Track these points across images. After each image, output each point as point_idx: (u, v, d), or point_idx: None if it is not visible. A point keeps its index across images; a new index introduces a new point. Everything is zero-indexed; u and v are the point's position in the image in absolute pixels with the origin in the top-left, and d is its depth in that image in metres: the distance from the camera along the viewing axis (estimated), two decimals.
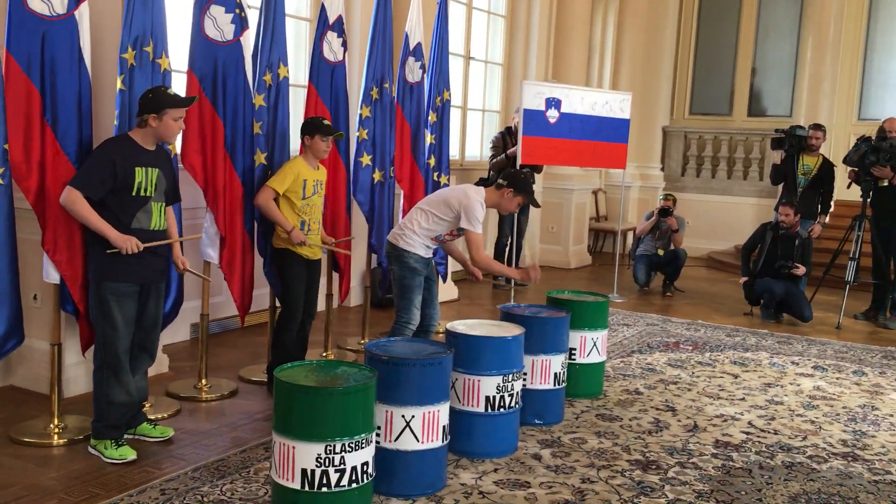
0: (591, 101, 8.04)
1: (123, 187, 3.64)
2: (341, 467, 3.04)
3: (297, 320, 4.78)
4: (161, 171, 3.79)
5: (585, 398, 4.94)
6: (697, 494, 3.64)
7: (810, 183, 7.97)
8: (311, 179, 4.68)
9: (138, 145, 3.72)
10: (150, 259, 3.79)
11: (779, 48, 11.99)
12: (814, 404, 5.07)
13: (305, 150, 4.71)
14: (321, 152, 4.72)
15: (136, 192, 3.68)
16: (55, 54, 3.72)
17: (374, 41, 5.74)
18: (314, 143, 4.67)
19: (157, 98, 3.70)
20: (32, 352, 4.55)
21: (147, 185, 3.70)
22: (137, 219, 3.71)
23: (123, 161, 3.63)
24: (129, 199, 3.67)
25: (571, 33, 10.36)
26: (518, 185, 4.67)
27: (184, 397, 4.65)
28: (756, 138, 11.94)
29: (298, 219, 4.66)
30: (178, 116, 3.75)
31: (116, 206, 3.66)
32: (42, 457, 3.76)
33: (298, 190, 4.61)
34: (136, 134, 3.75)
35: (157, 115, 3.67)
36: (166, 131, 3.73)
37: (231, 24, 4.54)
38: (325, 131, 4.68)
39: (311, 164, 4.72)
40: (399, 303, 4.74)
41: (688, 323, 7.33)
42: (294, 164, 4.65)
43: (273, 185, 4.59)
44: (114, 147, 3.68)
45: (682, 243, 8.90)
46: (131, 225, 3.69)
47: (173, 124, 3.73)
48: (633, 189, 12.15)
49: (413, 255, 4.65)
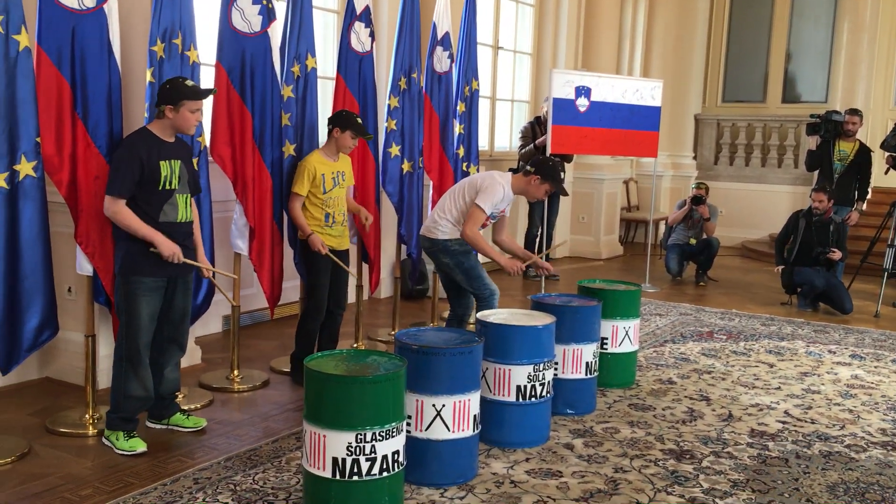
0: (621, 89, 7.94)
1: (150, 182, 3.65)
2: (372, 456, 3.03)
3: (322, 311, 4.79)
4: (182, 162, 3.79)
5: (618, 388, 4.89)
6: (733, 484, 3.59)
7: (847, 169, 7.81)
8: (329, 173, 4.67)
9: (159, 139, 3.72)
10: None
11: (814, 32, 11.77)
12: (852, 393, 4.97)
13: (329, 142, 4.70)
14: (347, 148, 4.73)
15: (162, 186, 3.68)
16: (85, 47, 3.75)
17: (402, 31, 5.71)
18: (343, 137, 4.66)
19: (175, 89, 3.68)
20: (67, 344, 4.61)
21: (172, 178, 3.71)
22: (164, 212, 3.72)
23: (148, 156, 3.64)
24: (156, 194, 3.68)
25: (601, 20, 10.25)
26: (545, 172, 4.65)
27: (216, 388, 4.68)
28: (791, 125, 11.73)
29: (322, 212, 4.66)
30: (196, 108, 3.73)
31: (144, 201, 3.67)
32: (78, 447, 3.80)
33: (318, 186, 4.62)
34: (154, 127, 3.74)
35: (173, 107, 3.67)
36: (184, 123, 3.72)
37: (258, 15, 4.55)
38: (357, 130, 4.69)
39: (329, 156, 4.71)
40: (472, 284, 4.75)
41: (722, 312, 7.23)
42: (308, 163, 4.64)
43: (296, 190, 4.63)
44: (137, 143, 3.66)
45: (715, 232, 8.78)
46: (159, 219, 3.70)
47: (190, 116, 3.71)
48: (665, 178, 12.00)
49: (452, 240, 4.70)
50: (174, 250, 3.66)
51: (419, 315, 6.70)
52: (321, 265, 4.71)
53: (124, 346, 3.74)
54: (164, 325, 3.88)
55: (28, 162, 3.56)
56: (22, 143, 3.54)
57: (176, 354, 4.01)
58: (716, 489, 3.53)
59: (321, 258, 4.68)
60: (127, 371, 3.74)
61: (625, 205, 11.58)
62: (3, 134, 3.49)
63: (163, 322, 3.87)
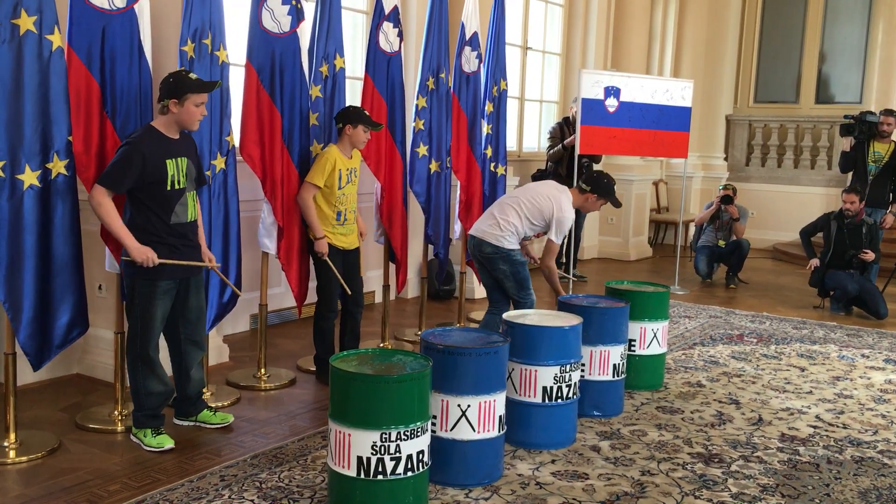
0: (651, 90, 7.88)
1: (157, 182, 3.61)
2: (397, 455, 3.02)
3: (333, 309, 4.80)
4: (189, 158, 3.76)
5: (645, 390, 4.85)
6: (762, 488, 3.53)
7: (881, 170, 7.67)
8: (345, 169, 4.66)
9: (164, 136, 3.67)
10: (189, 253, 3.79)
11: (848, 32, 11.58)
12: (885, 398, 4.88)
13: (342, 139, 4.68)
14: (361, 143, 4.71)
15: (170, 186, 3.65)
16: (115, 47, 3.79)
17: (430, 31, 5.71)
18: (356, 132, 4.64)
19: (179, 82, 3.64)
20: (98, 341, 4.67)
21: (179, 177, 3.68)
22: (176, 213, 3.70)
23: (153, 155, 3.59)
24: (166, 194, 3.65)
25: (631, 20, 10.18)
26: (601, 190, 4.91)
27: (243, 386, 4.71)
28: (824, 126, 11.56)
29: (334, 210, 4.66)
30: (200, 102, 3.68)
31: (154, 204, 3.64)
32: (107, 442, 3.85)
33: (335, 181, 4.61)
34: (159, 123, 3.70)
35: (178, 101, 3.63)
36: (188, 117, 3.67)
37: (288, 15, 4.57)
38: (368, 122, 4.68)
39: (345, 152, 4.70)
40: (519, 293, 4.98)
41: (752, 315, 7.14)
42: (330, 155, 4.62)
43: (313, 179, 4.57)
44: (142, 140, 3.61)
45: (745, 234, 8.68)
46: (171, 220, 3.68)
47: (195, 110, 3.67)
48: (695, 180, 11.90)
49: (516, 251, 4.96)
50: (146, 255, 3.59)
51: (446, 315, 6.70)
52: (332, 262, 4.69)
53: (137, 347, 3.74)
54: (181, 326, 3.89)
55: (60, 160, 3.61)
56: (55, 142, 3.59)
57: (197, 355, 4.02)
58: (745, 493, 3.48)
59: (330, 256, 4.67)
60: (143, 370, 3.76)
61: (654, 206, 11.48)
62: (37, 133, 3.53)
63: (179, 324, 3.88)
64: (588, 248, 10.01)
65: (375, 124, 4.75)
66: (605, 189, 4.90)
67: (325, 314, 4.80)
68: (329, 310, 4.80)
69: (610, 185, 4.93)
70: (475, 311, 6.88)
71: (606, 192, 4.91)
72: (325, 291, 4.77)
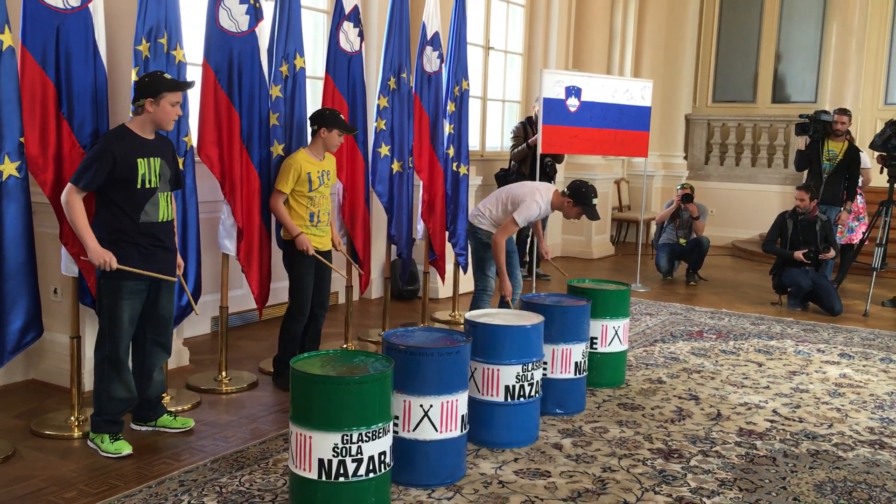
0: (611, 89, 7.96)
1: (128, 180, 3.58)
2: (358, 457, 3.02)
3: (305, 312, 4.75)
4: (163, 159, 3.73)
5: (608, 387, 4.89)
6: (720, 483, 3.59)
7: (836, 169, 7.84)
8: (315, 171, 4.62)
9: (138, 136, 3.65)
10: (160, 254, 3.75)
11: (803, 33, 11.80)
12: (840, 392, 4.98)
13: (316, 141, 4.65)
14: (334, 146, 4.70)
15: (141, 185, 3.62)
16: (70, 47, 3.73)
17: (391, 31, 5.70)
18: (331, 136, 4.62)
19: (154, 82, 3.63)
20: (54, 345, 4.59)
21: (151, 176, 3.65)
22: (146, 212, 3.66)
23: (124, 154, 3.56)
24: (136, 193, 3.62)
25: (592, 21, 10.27)
26: (577, 197, 5.02)
27: (204, 390, 4.66)
28: (780, 125, 11.77)
29: (307, 211, 4.62)
30: (176, 101, 3.67)
31: (123, 201, 3.61)
32: (63, 449, 3.78)
33: (304, 184, 4.57)
34: (133, 124, 3.67)
35: (153, 100, 3.60)
36: (164, 117, 3.65)
37: (246, 14, 4.53)
38: (344, 127, 4.66)
39: (316, 155, 4.66)
40: (476, 273, 5.43)
41: (712, 311, 7.24)
42: (294, 161, 4.58)
43: (279, 187, 4.58)
44: (113, 140, 3.59)
45: (705, 231, 8.80)
46: (140, 219, 3.64)
47: (170, 109, 3.65)
48: (656, 178, 12.04)
49: (485, 231, 5.26)
50: (104, 257, 3.55)
51: (410, 316, 6.69)
52: (305, 266, 4.67)
53: (105, 348, 3.70)
54: (148, 327, 3.84)
55: (11, 162, 3.54)
56: (5, 144, 3.52)
57: (162, 357, 3.98)
58: (703, 488, 3.53)
59: (306, 258, 4.65)
60: (109, 373, 3.71)
61: (616, 205, 11.59)
62: None
63: (147, 325, 3.83)
64: (551, 247, 10.05)
65: (351, 129, 4.76)
66: (580, 197, 4.98)
67: (296, 316, 4.74)
68: (301, 312, 4.74)
69: (587, 195, 4.98)
70: (439, 311, 6.89)
71: (581, 200, 4.98)
72: (299, 294, 4.71)
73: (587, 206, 5.00)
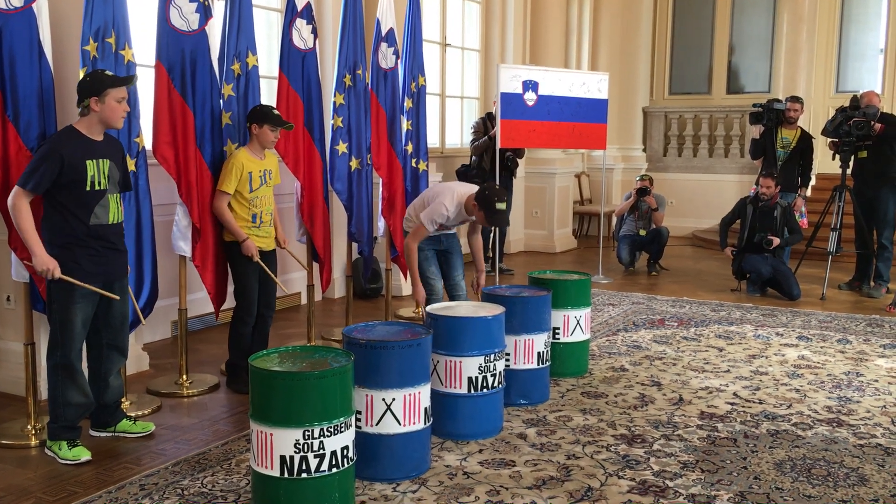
0: (568, 83, 8.00)
1: (76, 182, 3.51)
2: (320, 452, 2.99)
3: (252, 314, 4.68)
4: (112, 161, 3.67)
5: (571, 377, 4.92)
6: (682, 465, 3.62)
7: (790, 156, 7.95)
8: (256, 171, 4.53)
9: (86, 137, 3.59)
10: (111, 256, 3.69)
11: (755, 23, 11.99)
12: (798, 373, 5.06)
13: (252, 139, 4.58)
14: (269, 143, 4.58)
15: (90, 187, 3.56)
16: (14, 48, 3.65)
17: (346, 27, 5.67)
18: (262, 132, 4.51)
19: (96, 80, 3.57)
20: (9, 354, 4.49)
21: (100, 178, 3.59)
22: (96, 214, 3.59)
23: (72, 155, 3.50)
24: (85, 195, 3.55)
25: (548, 16, 10.31)
26: (480, 201, 4.62)
27: (164, 394, 4.60)
28: (736, 115, 11.95)
29: (249, 212, 4.55)
30: (121, 97, 3.60)
31: (73, 203, 3.54)
32: (20, 458, 3.70)
33: (245, 184, 4.49)
34: (81, 125, 3.60)
35: (98, 98, 3.54)
36: (111, 114, 3.59)
37: (196, 13, 4.48)
38: (274, 121, 4.53)
39: (256, 154, 4.57)
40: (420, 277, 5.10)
41: (673, 300, 7.32)
42: (236, 159, 4.49)
43: (223, 188, 4.47)
44: (61, 141, 3.52)
45: (664, 221, 8.89)
46: (90, 221, 3.58)
47: (116, 106, 3.59)
48: (616, 171, 12.14)
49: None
50: (48, 265, 3.48)
51: (374, 314, 6.67)
52: (250, 267, 4.60)
53: (58, 354, 3.63)
54: (103, 331, 3.78)
55: None
56: None
57: (118, 361, 3.91)
58: (666, 471, 3.56)
59: (247, 259, 4.57)
60: (63, 379, 3.64)
61: (577, 198, 11.67)
62: None
63: (102, 329, 3.77)
64: (514, 242, 10.11)
65: (283, 123, 4.61)
66: (482, 201, 4.58)
67: (243, 318, 4.67)
68: (248, 314, 4.67)
69: (489, 198, 4.55)
70: (403, 308, 6.88)
71: (483, 204, 4.58)
72: (244, 296, 4.65)
73: (489, 210, 4.55)
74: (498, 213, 4.58)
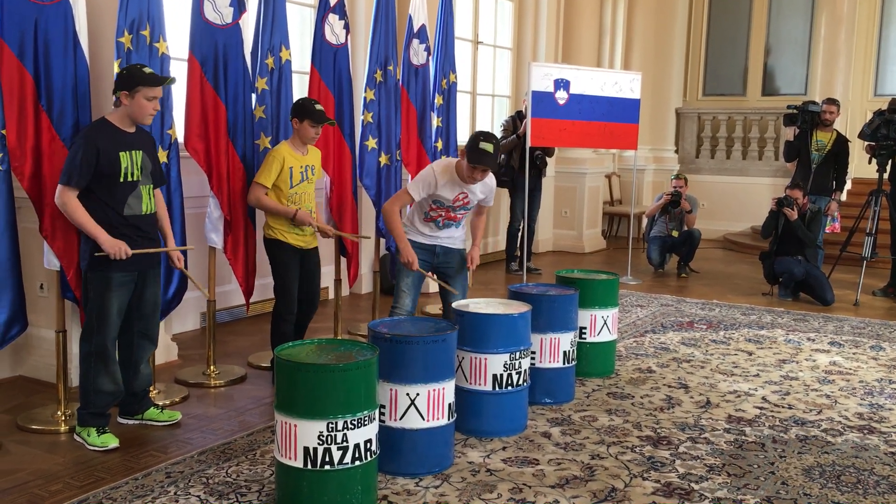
0: (600, 82, 7.94)
1: (110, 174, 3.56)
2: (344, 445, 3.00)
3: (292, 311, 4.60)
4: (144, 152, 3.70)
5: (597, 377, 4.89)
6: (709, 468, 3.58)
7: (824, 159, 7.83)
8: (297, 166, 4.48)
9: (118, 129, 3.62)
10: (145, 245, 3.73)
11: (792, 25, 11.82)
12: (829, 379, 4.98)
13: (294, 134, 4.54)
14: (309, 139, 4.52)
15: (123, 178, 3.60)
16: (49, 39, 3.70)
17: (377, 23, 5.69)
18: (303, 127, 4.46)
19: (131, 75, 3.59)
20: (41, 341, 4.56)
21: (133, 169, 3.63)
22: (129, 205, 3.64)
23: (107, 147, 3.54)
24: (119, 186, 3.60)
25: (581, 15, 10.26)
26: (467, 143, 4.24)
27: (192, 384, 4.64)
28: (771, 117, 11.79)
29: None
30: (152, 96, 3.62)
31: (107, 195, 3.58)
32: (49, 443, 3.76)
33: (285, 179, 4.44)
34: (113, 117, 3.65)
35: (129, 93, 3.57)
36: (139, 111, 3.61)
37: (230, 6, 4.51)
38: (315, 118, 4.46)
39: (298, 149, 4.52)
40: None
41: (702, 303, 7.24)
42: (278, 153, 4.44)
43: (261, 180, 4.42)
44: (95, 133, 3.57)
45: (696, 224, 8.80)
46: (124, 212, 3.62)
47: (146, 104, 3.61)
48: (647, 172, 12.04)
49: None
50: (119, 246, 3.55)
51: None
52: (289, 263, 4.54)
53: (93, 341, 3.68)
54: (134, 319, 3.82)
55: None
56: None
57: (149, 349, 3.96)
58: (692, 474, 3.52)
59: (288, 257, 4.52)
60: (96, 366, 3.69)
61: (608, 199, 11.60)
62: None
63: (133, 316, 3.81)
64: (543, 242, 10.06)
65: (324, 119, 4.54)
66: (469, 140, 4.22)
67: (284, 316, 4.60)
68: (289, 312, 4.60)
69: (474, 137, 4.20)
70: (429, 305, 6.88)
71: (468, 143, 4.21)
72: (284, 294, 4.58)
73: (472, 149, 4.17)
74: (480, 151, 4.17)
